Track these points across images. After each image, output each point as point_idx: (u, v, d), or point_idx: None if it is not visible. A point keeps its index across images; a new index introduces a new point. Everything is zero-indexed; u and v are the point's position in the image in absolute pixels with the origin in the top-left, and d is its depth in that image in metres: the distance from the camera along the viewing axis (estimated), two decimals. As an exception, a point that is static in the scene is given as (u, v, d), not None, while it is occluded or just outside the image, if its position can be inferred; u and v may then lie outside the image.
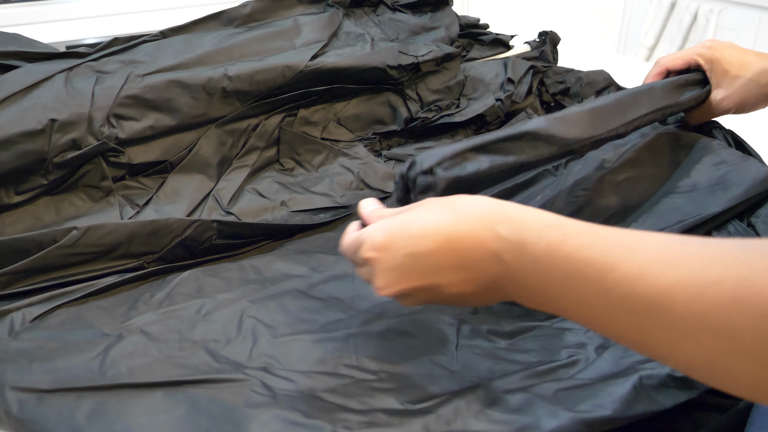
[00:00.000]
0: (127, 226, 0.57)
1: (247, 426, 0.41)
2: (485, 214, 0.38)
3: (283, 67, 0.73)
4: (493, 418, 0.41)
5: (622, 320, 0.32)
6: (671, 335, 0.30)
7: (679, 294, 0.30)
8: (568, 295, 0.35)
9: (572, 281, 0.34)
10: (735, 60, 0.65)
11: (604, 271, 0.32)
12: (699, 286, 0.29)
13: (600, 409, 0.41)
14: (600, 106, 0.57)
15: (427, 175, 0.47)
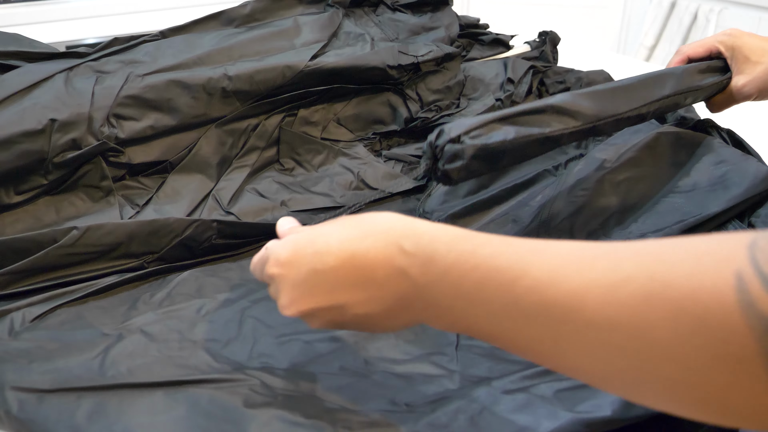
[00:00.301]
0: (127, 225, 0.57)
1: (247, 426, 0.41)
2: (391, 229, 0.36)
3: (283, 67, 0.73)
4: (493, 419, 0.41)
5: (534, 331, 0.31)
6: (584, 342, 0.29)
7: (590, 296, 0.28)
8: (478, 307, 0.33)
9: (481, 291, 0.32)
10: (756, 47, 0.66)
11: (515, 278, 0.31)
12: (610, 285, 0.28)
13: (600, 409, 0.41)
14: (624, 85, 0.58)
15: (455, 144, 0.48)
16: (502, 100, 0.85)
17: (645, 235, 0.58)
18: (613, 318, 0.28)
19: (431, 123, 0.82)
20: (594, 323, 0.28)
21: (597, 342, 0.28)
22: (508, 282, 0.31)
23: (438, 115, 0.82)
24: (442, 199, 0.68)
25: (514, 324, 0.31)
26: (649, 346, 0.27)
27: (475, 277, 0.32)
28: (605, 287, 0.28)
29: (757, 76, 0.66)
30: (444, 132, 0.49)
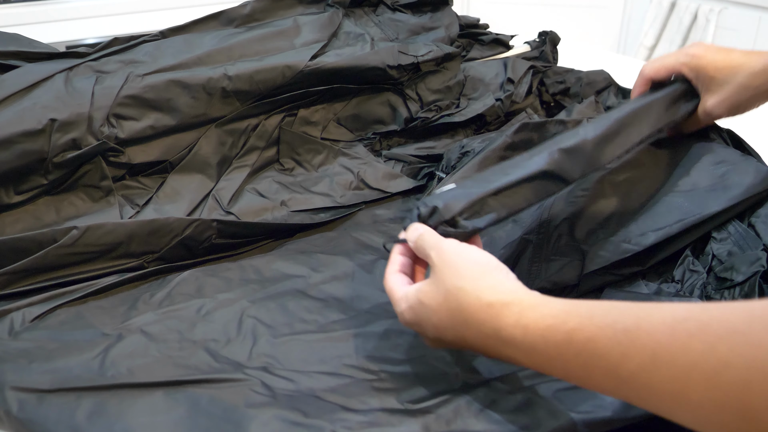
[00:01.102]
0: (127, 225, 0.57)
1: (247, 426, 0.41)
2: (486, 323, 0.39)
3: (283, 67, 0.73)
4: (493, 418, 0.41)
5: (651, 404, 0.33)
6: (696, 417, 0.31)
7: (693, 381, 0.31)
8: (591, 384, 0.36)
9: (591, 375, 0.35)
10: (722, 65, 0.63)
11: (618, 363, 0.33)
12: (710, 370, 0.30)
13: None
14: (603, 135, 0.58)
15: (448, 227, 0.48)
16: (502, 100, 0.85)
17: (645, 234, 0.58)
18: (719, 400, 0.30)
19: (431, 123, 0.82)
20: (702, 406, 0.31)
21: (706, 420, 0.31)
22: (612, 367, 0.34)
23: (438, 115, 0.82)
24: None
25: (628, 398, 0.34)
26: (754, 427, 0.29)
27: (579, 363, 0.36)
28: (706, 373, 0.30)
29: (727, 97, 0.63)
30: (438, 211, 0.48)
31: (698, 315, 0.32)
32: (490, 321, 0.39)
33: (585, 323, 0.36)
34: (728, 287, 0.54)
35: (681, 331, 0.32)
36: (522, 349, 0.38)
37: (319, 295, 0.56)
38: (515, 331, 0.38)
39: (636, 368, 0.33)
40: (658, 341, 0.32)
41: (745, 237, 0.59)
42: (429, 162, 0.78)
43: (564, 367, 0.36)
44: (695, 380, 0.30)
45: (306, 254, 0.62)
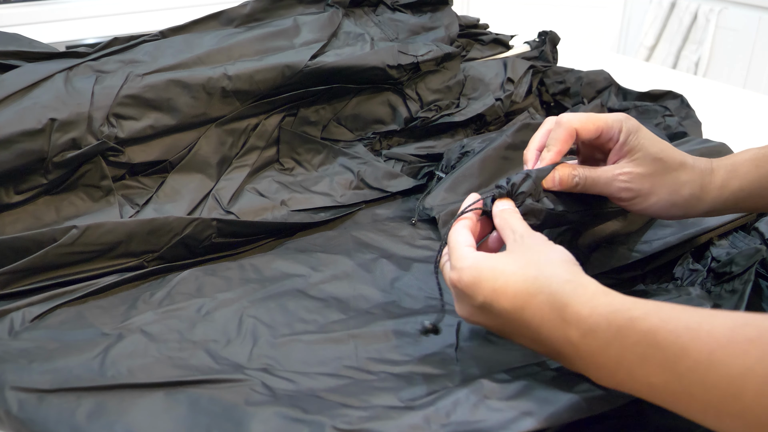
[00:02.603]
0: (127, 224, 0.57)
1: (247, 423, 0.41)
2: (560, 293, 0.40)
3: (282, 67, 0.73)
4: (492, 407, 0.41)
5: (698, 405, 0.34)
6: (744, 423, 0.32)
7: (748, 385, 0.31)
8: (640, 379, 0.36)
9: (643, 367, 0.36)
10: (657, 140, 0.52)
11: (676, 357, 0.34)
12: (766, 375, 0.31)
13: (597, 389, 0.41)
14: None
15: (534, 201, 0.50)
16: (501, 100, 0.85)
17: (647, 242, 0.59)
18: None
19: (431, 122, 0.82)
20: (752, 411, 0.31)
21: (755, 426, 0.31)
22: (670, 361, 0.34)
23: (438, 115, 0.82)
24: (442, 197, 0.68)
25: (676, 397, 0.35)
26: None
27: (636, 352, 0.36)
28: (762, 378, 0.31)
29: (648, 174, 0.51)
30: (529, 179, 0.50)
31: (758, 322, 0.33)
32: (561, 294, 0.40)
33: (650, 314, 0.36)
34: (726, 280, 0.54)
35: (740, 335, 0.32)
36: (582, 329, 0.38)
37: (319, 295, 0.56)
38: (583, 309, 0.38)
39: (693, 364, 0.33)
40: (717, 341, 0.33)
41: (744, 241, 0.59)
42: (429, 161, 0.78)
43: (619, 354, 0.36)
44: (749, 383, 0.31)
45: (306, 253, 0.62)
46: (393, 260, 0.61)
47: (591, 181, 0.52)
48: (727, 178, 0.51)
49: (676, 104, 0.88)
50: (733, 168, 0.51)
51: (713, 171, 0.52)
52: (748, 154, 0.52)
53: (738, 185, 0.51)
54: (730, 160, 0.52)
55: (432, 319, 0.47)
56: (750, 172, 0.51)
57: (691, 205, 0.52)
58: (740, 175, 0.51)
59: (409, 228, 0.66)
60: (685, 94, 0.91)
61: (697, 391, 0.33)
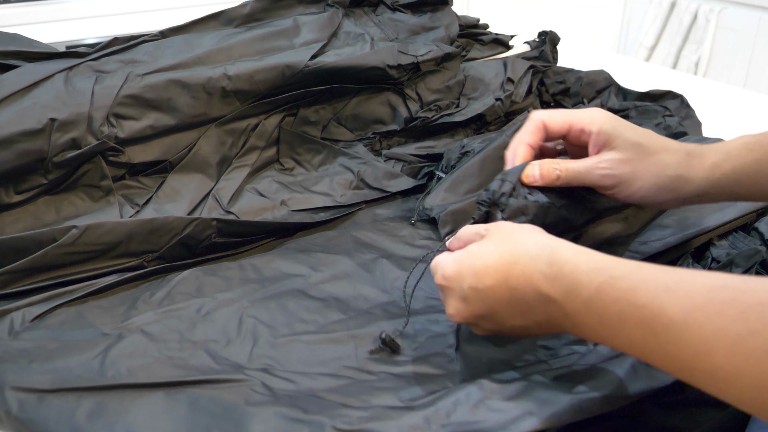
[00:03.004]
0: (127, 224, 0.57)
1: (247, 423, 0.41)
2: (538, 256, 0.41)
3: (282, 67, 0.73)
4: (493, 407, 0.41)
5: (672, 362, 0.35)
6: (714, 380, 0.33)
7: (719, 343, 0.32)
8: (621, 336, 0.37)
9: (623, 324, 0.36)
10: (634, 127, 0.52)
11: (653, 315, 0.35)
12: (737, 335, 0.31)
13: (598, 389, 0.41)
14: None
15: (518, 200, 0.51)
16: (501, 100, 0.85)
17: (646, 243, 0.59)
18: (739, 366, 0.31)
19: (431, 122, 0.82)
20: (723, 369, 0.32)
21: (725, 384, 0.32)
22: (647, 318, 0.35)
23: (438, 115, 0.82)
24: (441, 196, 0.68)
25: (653, 354, 0.36)
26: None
27: (616, 310, 0.37)
28: (733, 338, 0.32)
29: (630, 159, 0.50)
30: (505, 182, 0.51)
31: (736, 284, 0.33)
32: (542, 256, 0.41)
33: (630, 273, 0.37)
34: None
35: (717, 296, 0.33)
36: (565, 287, 0.39)
37: (319, 295, 0.56)
38: (565, 267, 0.39)
39: (669, 322, 0.34)
40: (694, 301, 0.33)
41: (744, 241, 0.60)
42: (429, 161, 0.78)
43: (600, 312, 0.37)
44: (721, 343, 0.32)
45: (306, 253, 0.62)
46: (393, 260, 0.61)
47: (572, 173, 0.52)
48: (719, 160, 0.50)
49: (676, 104, 0.88)
50: (725, 151, 0.51)
51: (702, 153, 0.51)
52: (741, 139, 0.51)
53: (730, 167, 0.50)
54: (721, 144, 0.52)
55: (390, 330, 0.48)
56: (743, 155, 0.50)
57: (678, 186, 0.50)
58: (732, 158, 0.50)
59: (409, 228, 0.66)
60: (685, 94, 0.91)
61: (671, 348, 0.34)
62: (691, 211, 0.63)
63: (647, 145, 0.51)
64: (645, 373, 0.42)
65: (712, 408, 0.45)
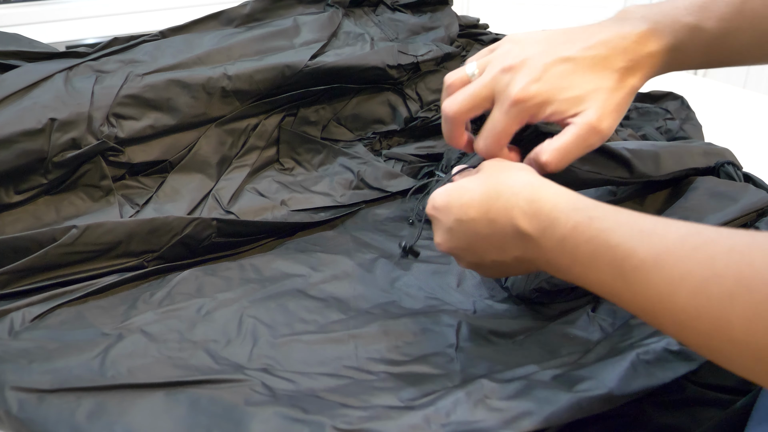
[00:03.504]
0: (127, 224, 0.57)
1: (247, 423, 0.41)
2: (520, 192, 0.42)
3: (282, 67, 0.73)
4: (492, 407, 0.41)
5: (638, 304, 0.35)
6: (676, 323, 0.33)
7: (684, 285, 0.32)
8: (592, 275, 0.37)
9: (594, 262, 0.37)
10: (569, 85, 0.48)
11: (624, 256, 0.35)
12: (702, 279, 0.31)
13: (598, 388, 0.41)
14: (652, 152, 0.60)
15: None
16: (502, 100, 0.85)
17: None
18: (700, 309, 0.31)
19: (431, 122, 0.82)
20: (685, 312, 0.32)
21: (685, 327, 0.33)
22: (619, 259, 0.35)
23: (438, 115, 0.82)
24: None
25: (621, 294, 0.36)
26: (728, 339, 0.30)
27: (589, 249, 0.37)
28: (697, 280, 0.32)
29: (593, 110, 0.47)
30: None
31: (709, 232, 0.33)
32: (524, 193, 0.41)
33: (608, 215, 0.37)
34: None
35: (689, 242, 0.33)
36: (543, 223, 0.40)
37: (319, 295, 0.56)
38: (546, 205, 0.40)
39: (639, 263, 0.34)
40: (665, 244, 0.34)
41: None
42: (429, 161, 0.78)
43: (573, 250, 0.38)
44: (687, 285, 0.32)
45: (306, 253, 0.62)
46: (393, 260, 0.61)
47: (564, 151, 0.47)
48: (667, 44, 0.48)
49: (676, 105, 0.88)
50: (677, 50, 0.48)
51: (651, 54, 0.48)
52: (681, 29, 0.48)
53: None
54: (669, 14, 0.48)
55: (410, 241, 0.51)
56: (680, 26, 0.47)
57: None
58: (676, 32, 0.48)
59: (409, 228, 0.66)
60: (685, 94, 0.90)
61: (639, 289, 0.34)
62: (692, 210, 0.63)
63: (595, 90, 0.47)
64: (644, 372, 0.42)
65: (712, 407, 0.45)
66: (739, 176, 0.69)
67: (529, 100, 0.46)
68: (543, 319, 0.53)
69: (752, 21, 0.47)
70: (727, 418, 0.44)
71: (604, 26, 0.50)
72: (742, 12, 0.47)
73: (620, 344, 0.46)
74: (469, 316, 0.53)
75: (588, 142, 0.48)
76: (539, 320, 0.53)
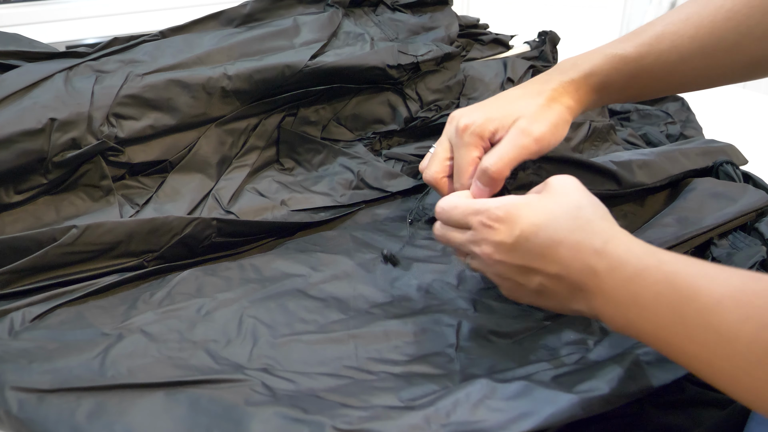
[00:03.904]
0: (127, 224, 0.57)
1: (247, 423, 0.41)
2: (601, 233, 0.42)
3: (282, 67, 0.73)
4: (492, 407, 0.41)
5: (694, 349, 0.35)
6: (732, 369, 0.33)
7: (744, 332, 0.33)
8: (650, 317, 0.37)
9: (657, 304, 0.37)
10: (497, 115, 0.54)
11: (688, 298, 0.35)
12: (761, 325, 0.32)
13: (598, 389, 0.41)
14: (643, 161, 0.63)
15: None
16: (502, 100, 0.85)
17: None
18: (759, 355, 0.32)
19: (431, 122, 0.82)
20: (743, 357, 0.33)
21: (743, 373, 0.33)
22: (681, 301, 0.36)
23: (438, 115, 0.82)
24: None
25: (679, 339, 0.36)
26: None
27: (654, 291, 0.37)
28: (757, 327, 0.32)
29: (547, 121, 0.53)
30: None
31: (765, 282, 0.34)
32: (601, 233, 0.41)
33: (678, 260, 0.38)
34: None
35: (749, 287, 0.34)
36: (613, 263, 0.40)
37: (319, 295, 0.56)
38: (620, 247, 0.40)
39: (701, 307, 0.35)
40: (727, 289, 0.34)
41: (745, 241, 0.60)
42: (429, 161, 0.78)
43: (637, 291, 0.38)
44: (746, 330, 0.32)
45: (306, 253, 0.62)
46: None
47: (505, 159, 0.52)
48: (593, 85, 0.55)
49: (676, 107, 0.88)
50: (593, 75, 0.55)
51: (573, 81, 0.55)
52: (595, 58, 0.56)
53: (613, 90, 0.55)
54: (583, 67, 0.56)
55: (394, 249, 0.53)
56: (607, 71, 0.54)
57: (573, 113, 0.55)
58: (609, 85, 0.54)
59: (409, 228, 0.66)
60: (685, 94, 0.90)
61: (697, 333, 0.35)
62: (691, 210, 0.63)
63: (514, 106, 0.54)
64: (645, 373, 0.42)
65: (712, 407, 0.45)
66: (739, 175, 0.70)
67: (472, 123, 0.54)
68: (543, 319, 0.53)
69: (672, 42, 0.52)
70: (727, 418, 0.44)
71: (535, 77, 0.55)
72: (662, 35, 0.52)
73: (620, 345, 0.46)
74: (469, 316, 0.53)
75: (522, 144, 0.52)
76: (539, 320, 0.53)
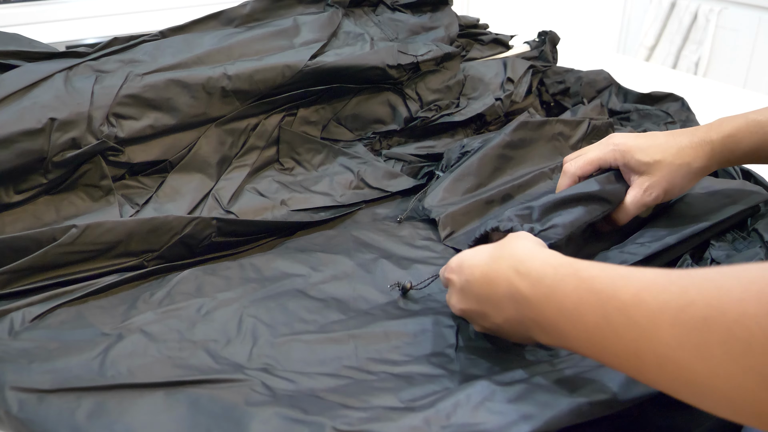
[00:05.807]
0: (127, 224, 0.57)
1: (247, 423, 0.41)
2: (515, 254, 0.44)
3: (282, 67, 0.73)
4: (493, 409, 0.41)
5: (620, 346, 0.36)
6: (658, 358, 0.33)
7: (663, 318, 0.33)
8: (577, 323, 0.38)
9: (579, 310, 0.38)
10: (646, 146, 0.60)
11: (607, 298, 0.36)
12: (677, 308, 0.32)
13: (599, 393, 0.41)
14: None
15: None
16: (501, 100, 0.85)
17: (644, 244, 0.59)
18: (678, 339, 0.32)
19: (431, 122, 0.82)
20: (666, 344, 0.33)
21: (667, 360, 0.33)
22: (601, 302, 0.37)
23: (438, 115, 0.82)
24: (441, 196, 0.68)
25: (604, 340, 0.37)
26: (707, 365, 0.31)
27: (575, 297, 0.38)
28: (673, 310, 0.33)
29: (658, 178, 0.59)
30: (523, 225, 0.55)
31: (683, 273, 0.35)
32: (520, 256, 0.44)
33: (593, 266, 0.39)
34: None
35: (664, 276, 0.35)
36: (532, 279, 0.42)
37: (318, 295, 0.56)
38: (535, 263, 0.42)
39: (620, 304, 0.35)
40: (643, 282, 0.35)
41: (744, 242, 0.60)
42: (429, 161, 0.78)
43: (559, 303, 0.39)
44: (665, 317, 0.33)
45: (306, 253, 0.62)
46: (393, 260, 0.61)
47: (624, 212, 0.61)
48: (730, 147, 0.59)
49: (676, 107, 0.88)
50: (733, 137, 0.59)
51: (712, 141, 0.59)
52: (743, 120, 0.59)
53: (742, 152, 0.59)
54: (728, 128, 0.59)
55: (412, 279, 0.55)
56: (747, 138, 0.59)
57: (702, 173, 0.60)
58: (740, 143, 0.59)
59: (409, 228, 0.66)
60: (685, 94, 0.90)
61: (622, 331, 0.35)
62: (687, 211, 0.63)
63: (665, 158, 0.59)
64: None
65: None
66: (738, 172, 0.70)
67: (622, 144, 0.60)
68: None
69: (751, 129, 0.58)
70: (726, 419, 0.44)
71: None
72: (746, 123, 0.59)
73: None
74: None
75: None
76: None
